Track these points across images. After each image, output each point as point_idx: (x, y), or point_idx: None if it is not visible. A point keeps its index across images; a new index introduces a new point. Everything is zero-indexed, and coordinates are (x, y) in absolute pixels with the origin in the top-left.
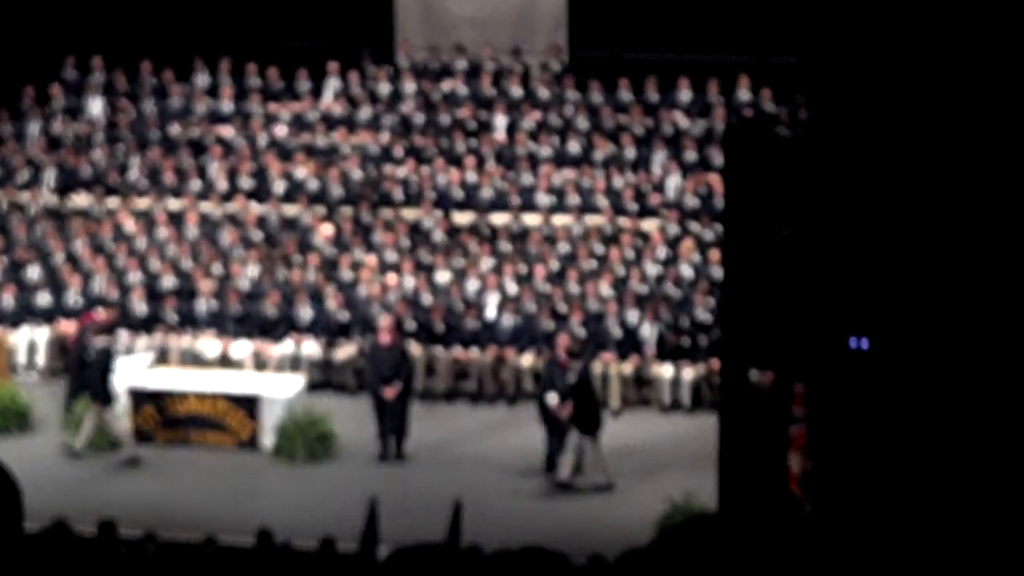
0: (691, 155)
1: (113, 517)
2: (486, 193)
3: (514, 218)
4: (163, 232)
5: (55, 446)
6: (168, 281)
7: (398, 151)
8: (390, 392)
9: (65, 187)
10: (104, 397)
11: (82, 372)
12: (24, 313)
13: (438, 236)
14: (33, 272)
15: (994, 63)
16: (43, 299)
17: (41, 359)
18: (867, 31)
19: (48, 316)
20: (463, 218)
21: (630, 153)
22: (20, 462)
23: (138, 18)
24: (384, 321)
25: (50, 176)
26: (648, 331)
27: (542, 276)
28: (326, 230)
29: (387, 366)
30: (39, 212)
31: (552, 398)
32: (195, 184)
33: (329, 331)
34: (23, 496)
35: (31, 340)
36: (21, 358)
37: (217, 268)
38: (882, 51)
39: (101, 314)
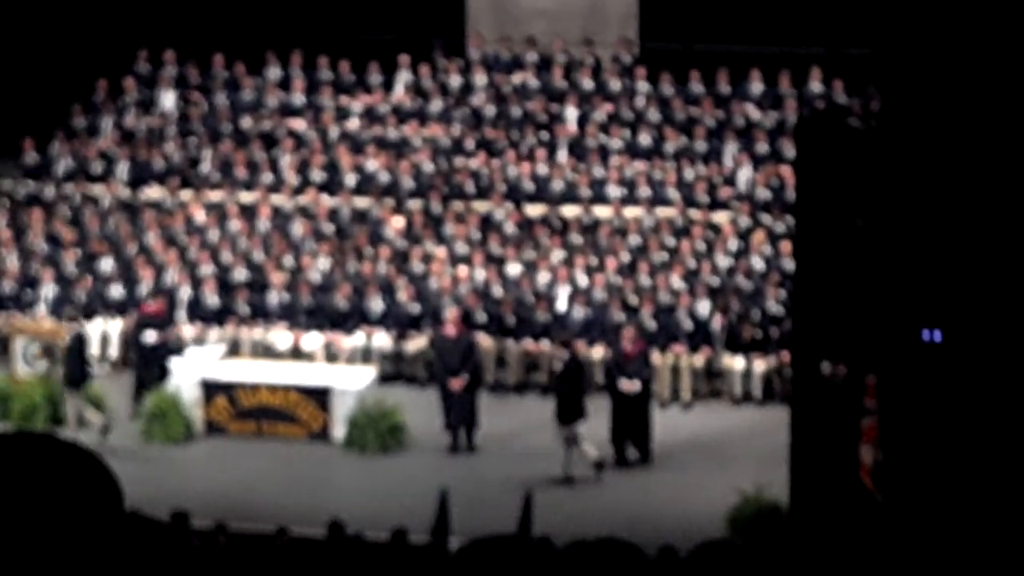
0: (763, 147)
1: (185, 508)
2: (557, 185)
3: (585, 210)
4: (235, 224)
5: (129, 436)
6: (240, 273)
7: (469, 144)
8: (456, 384)
9: (138, 180)
10: (75, 381)
11: (139, 363)
12: (97, 305)
13: (509, 228)
14: (106, 264)
15: None
16: (116, 291)
17: (114, 351)
18: (940, 22)
19: (121, 308)
20: (534, 210)
21: (701, 145)
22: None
23: (210, 11)
24: (450, 313)
25: (123, 169)
26: (719, 323)
27: (613, 268)
28: (397, 223)
29: (453, 358)
30: (112, 205)
31: (624, 384)
32: (267, 177)
33: (400, 323)
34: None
35: (104, 332)
36: (94, 350)
37: (288, 260)
38: (954, 42)
39: (151, 305)
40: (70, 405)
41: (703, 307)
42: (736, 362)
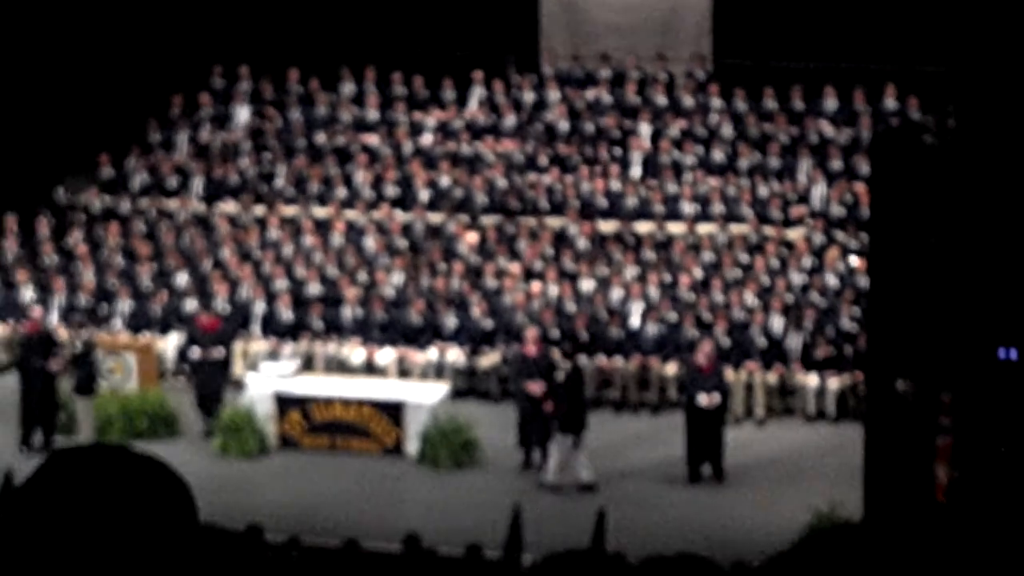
0: (837, 164)
1: (259, 522)
2: (630, 201)
3: (658, 227)
4: (309, 239)
5: (203, 450)
6: (314, 288)
7: (542, 159)
8: (535, 388)
9: (213, 195)
10: (84, 388)
11: (194, 379)
12: (172, 319)
13: (582, 244)
14: (181, 279)
15: None
16: (191, 305)
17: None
18: (1014, 39)
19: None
20: (607, 226)
21: (775, 162)
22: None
23: (285, 27)
24: (529, 332)
25: (198, 184)
26: (793, 340)
27: (686, 285)
28: (471, 238)
29: (533, 376)
30: (187, 219)
31: (703, 398)
32: (341, 192)
33: (473, 339)
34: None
35: (179, 346)
36: (169, 364)
37: (362, 275)
38: None
39: (206, 320)
40: (83, 412)
41: (777, 324)
42: (810, 379)
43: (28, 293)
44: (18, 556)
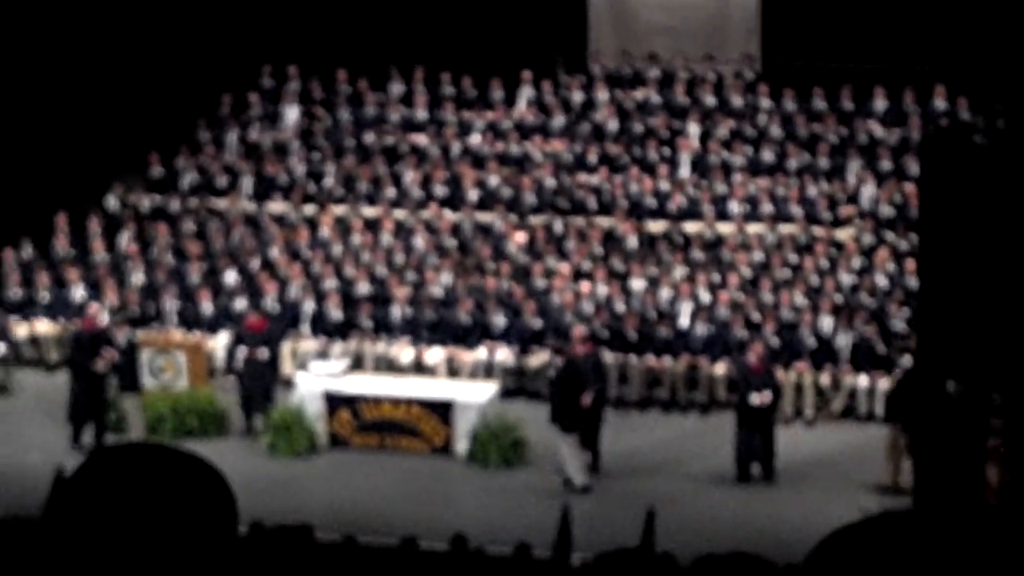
0: (886, 164)
1: (309, 521)
2: (679, 201)
3: (707, 226)
4: (358, 239)
5: (252, 450)
6: (363, 287)
7: (591, 159)
8: (586, 399)
9: (262, 194)
10: (128, 386)
11: (243, 379)
12: (222, 318)
13: (631, 244)
14: (230, 278)
15: None
16: (240, 304)
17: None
18: None
19: (236, 320)
20: (656, 226)
21: (824, 162)
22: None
23: (334, 27)
24: (576, 331)
25: (247, 183)
26: (843, 340)
27: (735, 285)
28: (519, 237)
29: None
30: (236, 218)
31: (756, 397)
32: (390, 191)
33: (522, 338)
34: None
35: (228, 345)
36: (219, 363)
37: (411, 275)
38: None
39: (253, 320)
40: (131, 409)
41: (826, 324)
42: (860, 380)
43: (79, 292)
44: (63, 551)
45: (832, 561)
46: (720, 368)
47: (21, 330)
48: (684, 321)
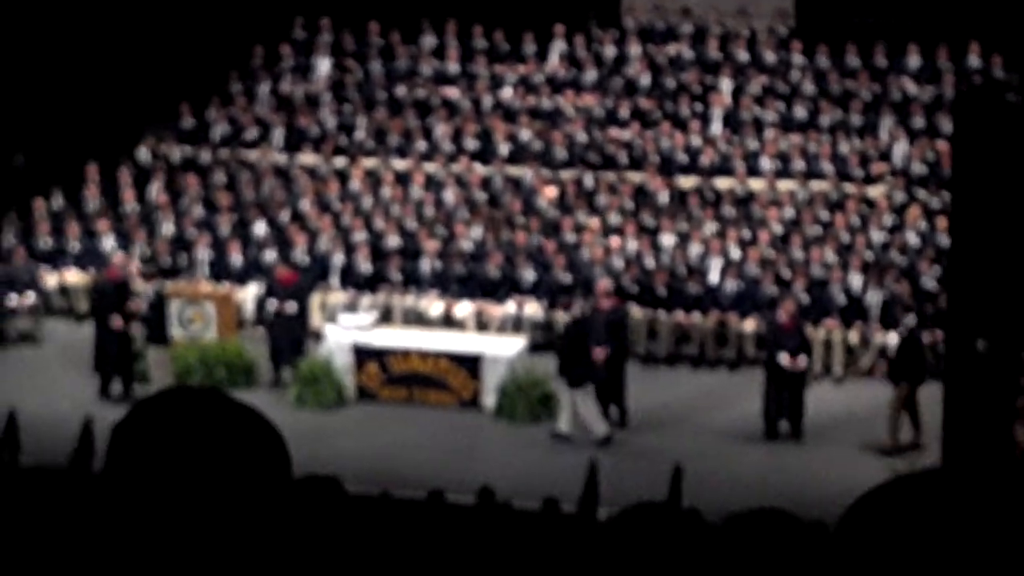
0: (919, 122)
1: (337, 473)
2: (710, 157)
3: (739, 182)
4: (388, 192)
5: (280, 401)
6: (393, 240)
7: (623, 114)
8: (599, 354)
9: (293, 146)
10: (157, 338)
11: (272, 331)
12: (251, 270)
13: (662, 200)
14: (260, 229)
15: None
16: (270, 256)
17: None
18: None
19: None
20: (687, 182)
21: (857, 119)
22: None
23: None
24: (600, 285)
25: (278, 135)
26: (873, 298)
27: (766, 241)
28: (550, 192)
29: (602, 330)
30: (267, 170)
31: (785, 358)
32: (420, 145)
33: (551, 293)
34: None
35: (258, 296)
36: (248, 314)
37: (441, 228)
38: None
39: (283, 272)
40: (155, 362)
41: (856, 282)
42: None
43: (109, 242)
44: (116, 495)
45: (865, 523)
46: (749, 325)
47: (51, 280)
48: (714, 277)
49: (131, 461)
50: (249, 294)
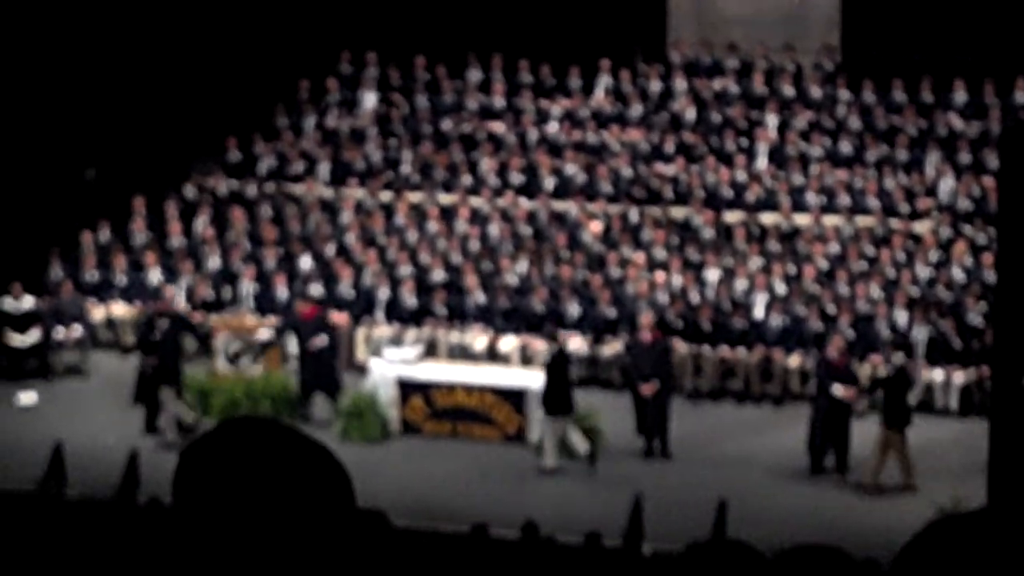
0: (965, 157)
1: (381, 507)
2: (756, 192)
3: (784, 218)
4: (434, 226)
5: (325, 435)
6: (438, 275)
7: (668, 149)
8: (647, 389)
9: (339, 179)
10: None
11: (302, 365)
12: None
13: (707, 234)
14: (305, 263)
15: None
16: (315, 290)
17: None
18: None
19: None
20: (732, 217)
21: (903, 154)
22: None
23: (413, 14)
24: (645, 319)
25: (324, 169)
26: (919, 334)
27: (811, 276)
28: (595, 226)
29: (646, 364)
30: (313, 204)
31: (839, 388)
32: (466, 179)
33: (596, 327)
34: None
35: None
36: (294, 348)
37: (486, 263)
38: None
39: (305, 308)
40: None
41: (902, 317)
42: (936, 374)
43: (156, 276)
44: (182, 522)
45: (919, 564)
46: (794, 360)
47: (97, 313)
48: (759, 312)
49: (196, 491)
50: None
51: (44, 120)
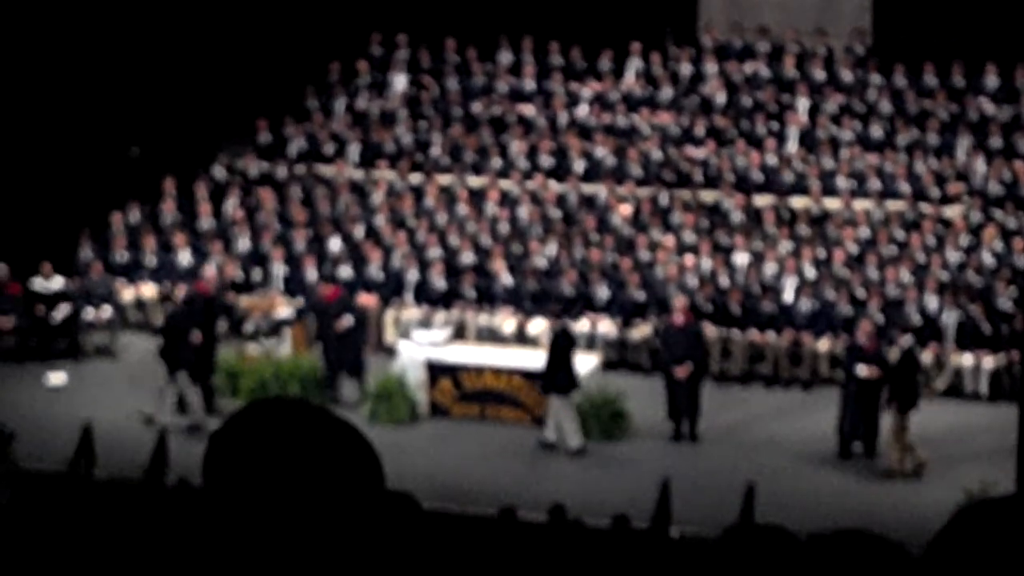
0: (996, 141)
1: (410, 489)
2: (786, 176)
3: (814, 202)
4: (463, 208)
5: (353, 417)
6: (467, 257)
7: (698, 132)
8: (681, 372)
9: (368, 162)
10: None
11: (326, 347)
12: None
13: (737, 218)
14: (335, 245)
15: None
16: (345, 272)
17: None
18: None
19: (350, 289)
20: (762, 200)
21: (934, 139)
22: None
23: None
24: (678, 302)
25: (354, 150)
26: (949, 319)
27: (841, 260)
28: (624, 210)
29: (679, 347)
30: (343, 186)
31: (863, 368)
32: (496, 161)
33: (625, 311)
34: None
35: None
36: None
37: (516, 245)
38: None
39: (327, 289)
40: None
41: (932, 302)
42: (965, 359)
43: (185, 257)
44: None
45: (954, 550)
46: (824, 344)
47: (127, 294)
48: (788, 296)
49: (228, 471)
50: None
51: (74, 102)
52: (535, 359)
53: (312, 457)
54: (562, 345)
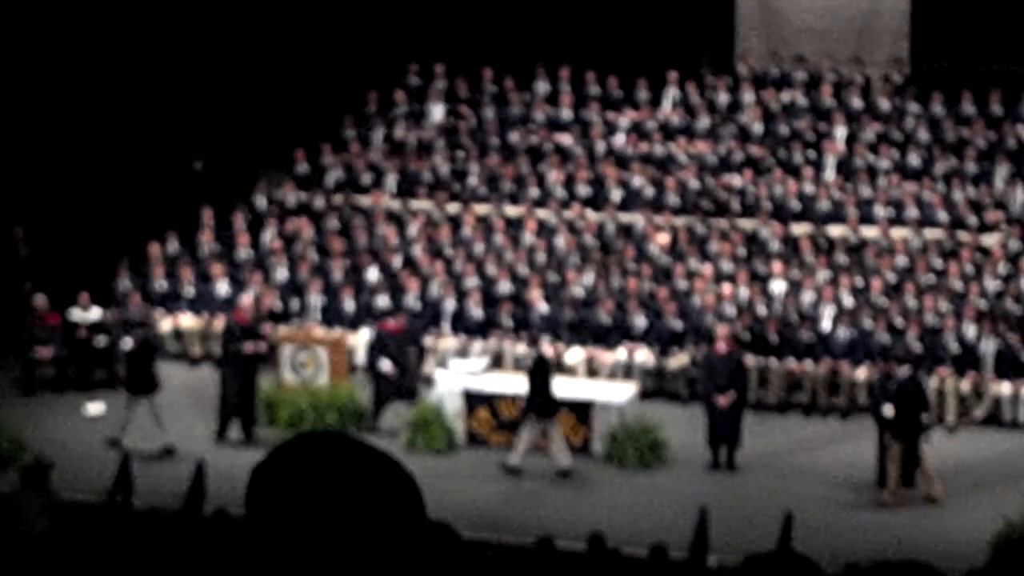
0: None
1: (447, 519)
2: (823, 204)
3: (852, 230)
4: (500, 238)
5: (391, 446)
6: (504, 286)
7: (736, 161)
8: (724, 400)
9: (406, 191)
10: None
11: (377, 379)
12: (363, 315)
13: (774, 246)
14: (372, 275)
15: None
16: (382, 301)
17: (386, 363)
18: None
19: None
20: (800, 229)
21: (971, 167)
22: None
23: (480, 26)
24: (721, 330)
25: (391, 180)
26: (987, 347)
27: (878, 289)
28: (662, 239)
29: (721, 375)
30: (380, 216)
31: (889, 409)
32: (533, 191)
33: (662, 340)
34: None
35: (369, 346)
36: (360, 359)
37: (553, 275)
38: None
39: (391, 323)
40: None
41: (970, 331)
42: (1004, 387)
43: (223, 287)
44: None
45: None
46: (861, 373)
47: (165, 324)
48: (826, 325)
49: (269, 505)
50: (361, 339)
51: (113, 135)
52: (572, 388)
53: (354, 490)
54: (541, 371)
